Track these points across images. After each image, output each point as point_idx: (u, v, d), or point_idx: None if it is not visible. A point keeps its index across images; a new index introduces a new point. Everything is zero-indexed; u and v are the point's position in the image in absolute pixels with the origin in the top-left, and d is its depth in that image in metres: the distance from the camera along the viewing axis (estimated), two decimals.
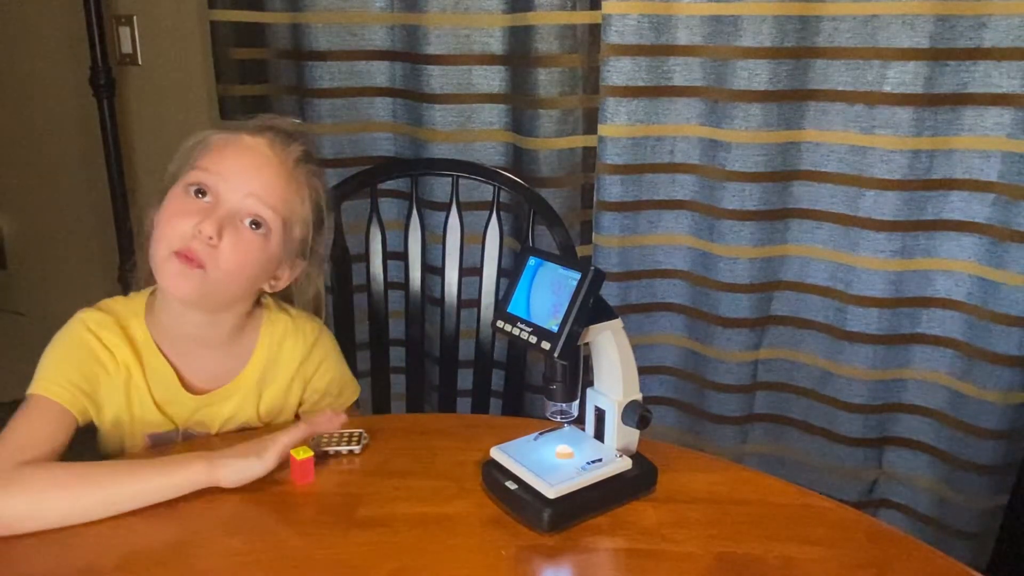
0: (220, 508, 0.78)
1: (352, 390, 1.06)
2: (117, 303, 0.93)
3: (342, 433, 0.89)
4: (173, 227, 0.84)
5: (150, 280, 0.91)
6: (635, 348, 0.80)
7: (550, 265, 0.77)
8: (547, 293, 0.76)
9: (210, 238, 0.83)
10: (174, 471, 0.77)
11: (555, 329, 0.74)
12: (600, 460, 0.80)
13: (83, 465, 0.78)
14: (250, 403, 0.96)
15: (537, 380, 1.52)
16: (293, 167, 0.90)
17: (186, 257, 0.83)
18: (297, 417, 1.00)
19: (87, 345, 0.89)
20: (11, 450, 0.79)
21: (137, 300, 0.94)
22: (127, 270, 0.88)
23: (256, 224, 0.86)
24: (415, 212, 1.33)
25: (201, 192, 0.85)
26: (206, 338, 0.93)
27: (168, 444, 0.93)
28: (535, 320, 0.76)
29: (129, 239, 1.91)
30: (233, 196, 0.85)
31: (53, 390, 0.85)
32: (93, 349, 0.89)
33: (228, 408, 0.95)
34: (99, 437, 0.93)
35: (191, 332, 0.92)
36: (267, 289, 0.95)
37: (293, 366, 0.98)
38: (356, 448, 0.87)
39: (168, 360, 0.91)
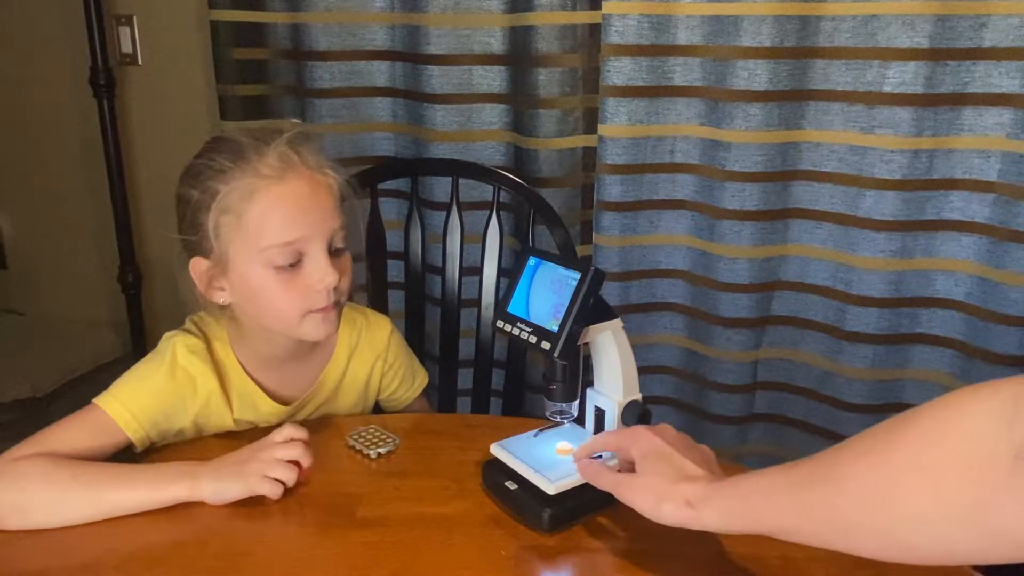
0: (220, 507, 0.78)
1: (422, 377, 1.12)
2: (205, 324, 0.93)
3: (376, 434, 0.91)
4: (293, 299, 0.84)
5: (209, 307, 0.90)
6: (635, 348, 0.80)
7: (550, 265, 0.77)
8: (547, 293, 0.76)
9: (335, 286, 0.85)
10: (160, 487, 0.77)
11: (555, 329, 0.74)
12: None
13: (75, 465, 0.78)
14: (332, 401, 1.00)
15: (537, 380, 1.52)
16: (325, 180, 0.87)
17: (322, 310, 0.85)
18: (378, 405, 1.08)
19: (175, 375, 0.89)
20: (33, 445, 0.79)
21: (217, 327, 0.93)
22: (127, 271, 0.87)
23: (340, 247, 0.88)
24: (415, 212, 1.33)
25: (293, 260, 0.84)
26: (295, 353, 0.95)
27: None
28: (535, 320, 0.76)
29: (129, 239, 1.91)
30: (315, 243, 0.84)
31: (122, 414, 0.84)
32: (179, 381, 0.89)
33: (308, 411, 0.98)
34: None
35: (281, 353, 0.94)
36: None
37: (371, 361, 1.03)
38: (383, 451, 0.88)
39: (255, 380, 0.93)
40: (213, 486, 0.78)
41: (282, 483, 0.79)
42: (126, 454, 0.86)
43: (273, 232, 0.82)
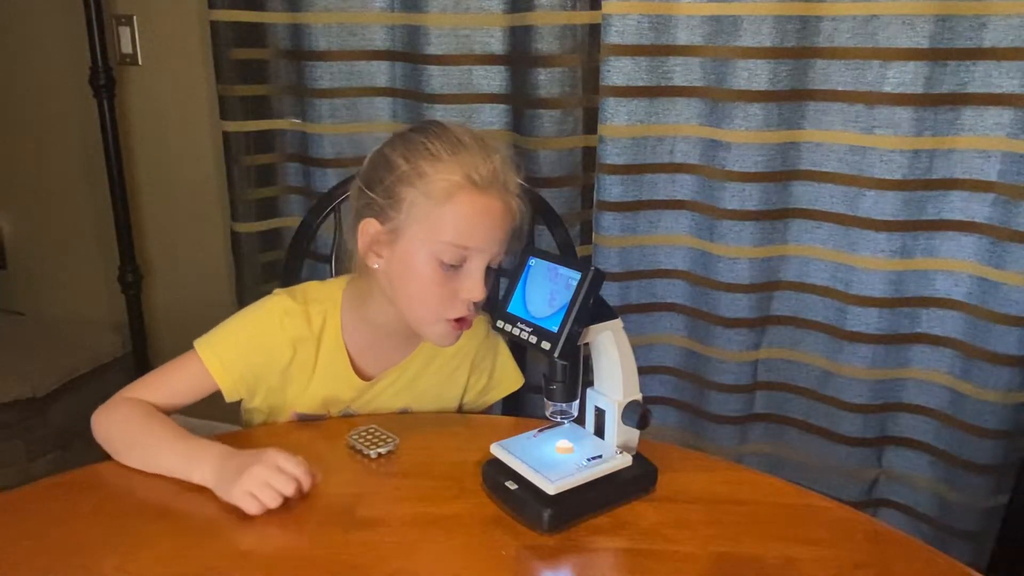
0: (220, 507, 0.78)
1: (514, 380, 1.11)
2: (313, 290, 0.98)
3: (376, 434, 0.91)
4: (438, 298, 0.89)
5: (350, 268, 0.96)
6: (635, 348, 0.80)
7: (550, 265, 0.77)
8: (547, 293, 0.76)
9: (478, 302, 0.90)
10: (188, 467, 0.82)
11: (555, 329, 0.74)
12: (600, 456, 0.80)
13: (150, 420, 0.88)
14: (413, 387, 1.02)
15: (537, 380, 1.52)
16: (515, 209, 0.92)
17: (457, 322, 0.90)
18: (459, 409, 1.08)
19: (268, 332, 0.94)
20: (144, 387, 0.92)
21: (335, 287, 0.99)
22: (127, 271, 0.88)
23: (493, 268, 0.92)
24: None
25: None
26: (398, 328, 0.97)
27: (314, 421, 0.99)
28: (535, 320, 0.76)
29: (129, 239, 1.90)
30: (480, 256, 0.89)
31: (213, 362, 0.92)
32: (268, 338, 0.94)
33: (389, 393, 1.00)
34: (244, 409, 1.01)
35: (384, 323, 0.97)
36: None
37: (460, 354, 1.04)
38: (383, 451, 0.88)
39: (347, 349, 0.97)
40: (213, 481, 0.80)
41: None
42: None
43: (456, 232, 0.87)
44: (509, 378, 1.11)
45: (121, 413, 0.89)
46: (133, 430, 0.87)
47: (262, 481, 0.77)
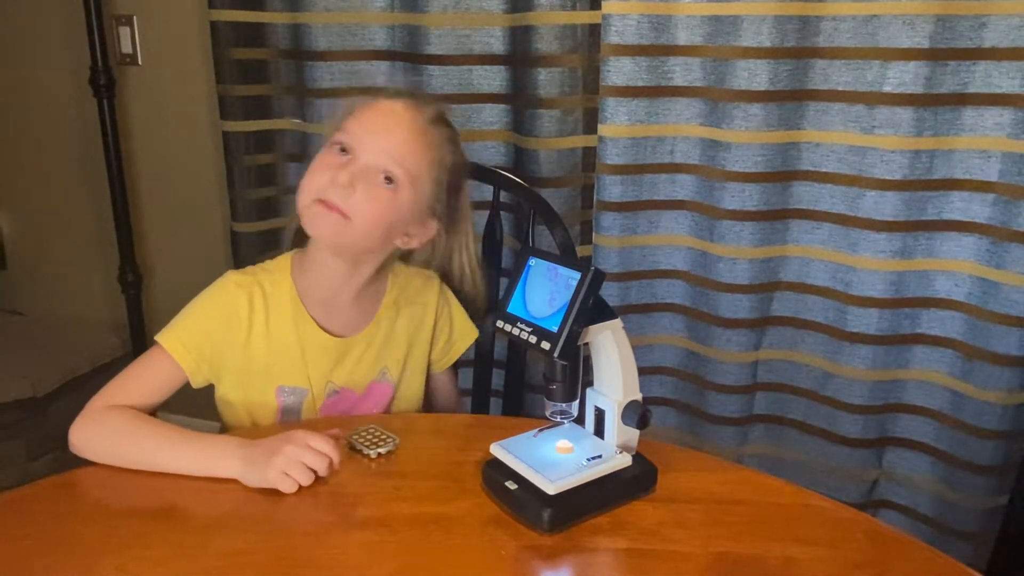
0: (220, 507, 0.79)
1: (471, 331, 1.15)
2: (262, 267, 1.01)
3: (376, 434, 0.91)
4: (315, 178, 0.93)
5: (294, 243, 1.02)
6: (635, 348, 0.80)
7: (550, 265, 0.77)
8: (547, 293, 0.76)
9: (344, 187, 0.91)
10: (207, 463, 0.83)
11: (555, 329, 0.74)
12: (600, 456, 0.80)
13: (147, 424, 0.88)
14: (388, 346, 1.04)
15: (537, 380, 1.52)
16: (424, 127, 0.96)
17: (325, 204, 0.91)
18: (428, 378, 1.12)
19: (221, 304, 0.97)
20: (115, 391, 0.92)
21: (281, 259, 1.02)
22: (127, 271, 0.90)
23: (388, 179, 0.93)
24: None
25: (343, 150, 0.93)
26: (346, 287, 1.00)
27: (295, 418, 1.01)
28: (535, 320, 0.76)
29: (129, 239, 1.91)
30: (368, 153, 0.92)
31: (176, 347, 0.94)
32: (222, 310, 0.96)
33: (368, 356, 1.03)
34: (220, 403, 1.01)
35: (332, 282, 1.00)
36: (400, 245, 1.01)
37: (420, 299, 1.07)
38: (383, 451, 0.88)
39: (308, 311, 0.99)
40: (241, 469, 0.82)
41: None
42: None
43: (351, 120, 0.94)
44: (467, 329, 1.15)
45: (110, 421, 0.89)
46: (131, 434, 0.87)
47: (295, 460, 0.80)
